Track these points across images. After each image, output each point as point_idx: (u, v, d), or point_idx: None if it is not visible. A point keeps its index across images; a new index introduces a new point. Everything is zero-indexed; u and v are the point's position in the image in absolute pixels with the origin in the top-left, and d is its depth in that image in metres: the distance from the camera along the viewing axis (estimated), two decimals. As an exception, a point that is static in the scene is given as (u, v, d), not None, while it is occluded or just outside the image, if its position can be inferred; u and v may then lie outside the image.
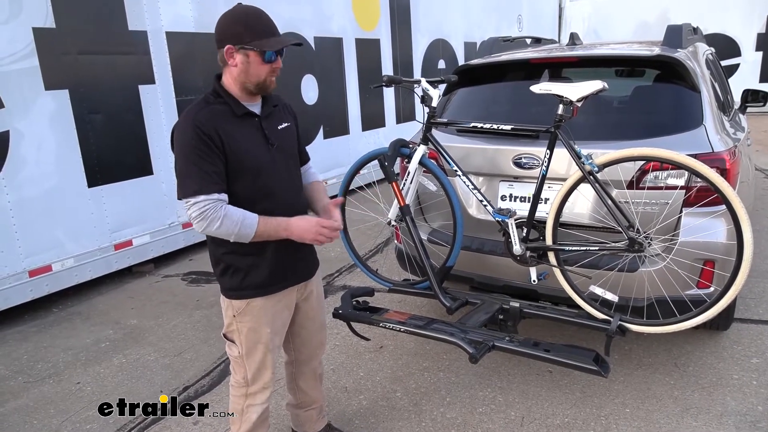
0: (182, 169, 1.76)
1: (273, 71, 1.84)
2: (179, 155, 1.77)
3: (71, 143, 4.13)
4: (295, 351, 2.26)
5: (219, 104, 1.82)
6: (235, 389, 2.08)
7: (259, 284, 1.94)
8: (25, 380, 3.23)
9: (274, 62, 1.82)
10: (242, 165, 1.82)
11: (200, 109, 1.79)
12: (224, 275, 1.95)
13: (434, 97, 2.72)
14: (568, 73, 3.17)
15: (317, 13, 6.44)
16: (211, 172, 1.74)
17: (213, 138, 1.74)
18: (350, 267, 4.66)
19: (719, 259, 2.41)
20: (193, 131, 1.73)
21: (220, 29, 1.79)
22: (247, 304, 1.95)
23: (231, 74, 1.83)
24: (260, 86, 1.85)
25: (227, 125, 1.79)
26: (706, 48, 3.59)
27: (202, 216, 1.73)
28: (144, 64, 4.56)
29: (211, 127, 1.75)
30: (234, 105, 1.84)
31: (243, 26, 1.76)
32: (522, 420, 2.61)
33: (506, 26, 11.10)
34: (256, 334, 1.98)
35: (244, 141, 1.83)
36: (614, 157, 2.27)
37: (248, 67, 1.79)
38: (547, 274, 2.61)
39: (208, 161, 1.74)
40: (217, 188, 1.76)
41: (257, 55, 1.78)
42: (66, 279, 4.20)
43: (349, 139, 7.19)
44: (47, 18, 3.91)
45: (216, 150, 1.75)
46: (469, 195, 2.87)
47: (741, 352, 3.04)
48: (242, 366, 2.02)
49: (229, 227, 1.75)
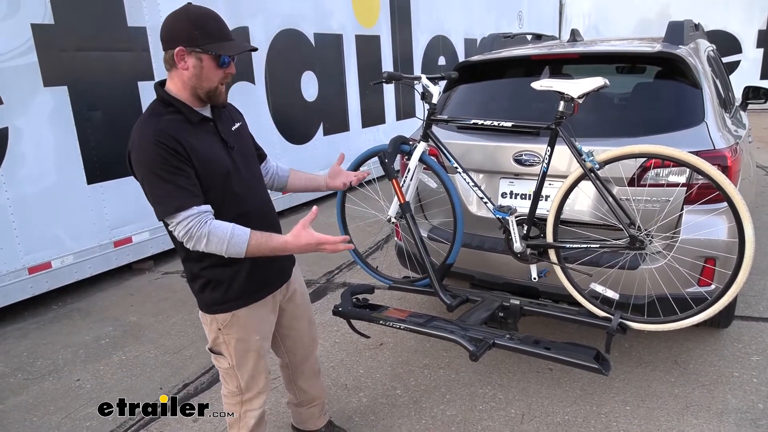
0: (155, 190, 1.63)
1: (225, 77, 1.73)
2: (147, 175, 1.63)
3: (70, 140, 4.12)
4: (289, 353, 2.22)
5: (171, 113, 1.69)
6: (229, 398, 2.03)
7: (242, 294, 1.87)
8: (24, 377, 3.23)
9: (227, 67, 1.71)
10: (209, 173, 1.72)
11: (155, 123, 1.65)
12: (204, 291, 1.86)
13: (434, 94, 2.71)
14: (569, 69, 3.16)
15: (317, 10, 6.42)
16: (187, 185, 1.64)
17: (178, 150, 1.63)
18: (350, 264, 4.66)
19: (720, 256, 2.40)
20: (156, 147, 1.60)
21: (170, 29, 1.66)
22: (232, 316, 1.87)
23: (181, 78, 1.69)
24: (210, 94, 1.73)
25: (187, 135, 1.68)
26: (707, 45, 3.58)
27: (188, 234, 1.63)
28: (143, 60, 4.54)
29: (174, 139, 1.63)
30: (188, 112, 1.72)
31: (198, 28, 1.64)
32: (522, 417, 2.61)
33: (507, 23, 11.08)
34: (245, 344, 1.92)
35: (205, 148, 1.72)
36: (615, 154, 2.26)
37: (201, 71, 1.67)
38: (547, 272, 2.60)
39: (181, 175, 1.63)
40: (197, 201, 1.65)
41: (211, 60, 1.67)
42: (65, 276, 4.19)
43: (349, 136, 7.17)
44: (46, 14, 3.89)
45: (185, 161, 1.65)
46: (470, 192, 2.86)
47: (742, 349, 3.03)
48: (234, 377, 1.96)
49: (217, 244, 1.65)
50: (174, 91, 1.73)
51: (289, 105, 6.16)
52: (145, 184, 1.66)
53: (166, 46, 1.67)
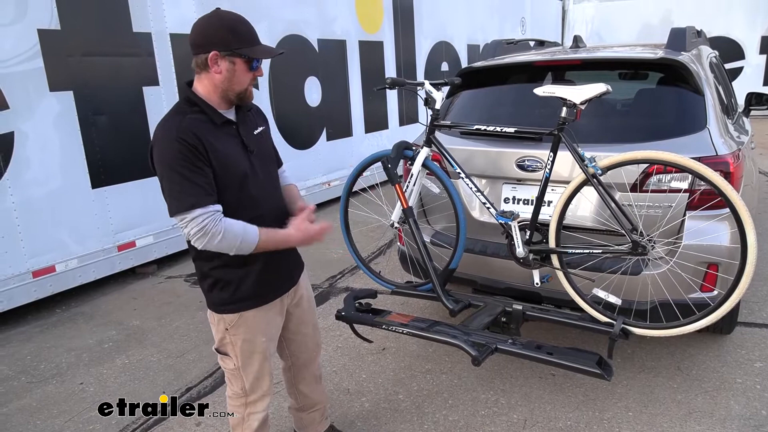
0: (173, 185, 1.68)
1: (253, 80, 1.81)
2: (166, 171, 1.68)
3: (75, 144, 4.15)
4: (293, 356, 2.24)
5: (195, 113, 1.75)
6: (234, 400, 2.05)
7: (251, 295, 1.90)
8: (28, 380, 3.24)
9: (256, 70, 1.79)
10: (227, 175, 1.76)
11: (179, 121, 1.71)
12: (213, 290, 1.90)
13: (437, 100, 2.72)
14: (572, 75, 3.17)
15: (321, 16, 6.45)
16: (204, 184, 1.69)
17: (198, 148, 1.68)
18: (353, 269, 4.66)
19: (723, 262, 2.41)
20: (178, 144, 1.66)
21: (203, 33, 1.72)
22: (239, 317, 1.90)
23: (212, 81, 1.75)
24: (241, 95, 1.80)
25: (208, 135, 1.73)
26: (709, 51, 3.59)
27: (203, 231, 1.67)
28: (148, 65, 4.58)
29: (195, 137, 1.68)
30: (212, 113, 1.77)
31: (231, 32, 1.71)
32: (524, 423, 2.61)
33: (509, 29, 11.11)
34: (251, 345, 1.95)
35: (225, 150, 1.77)
36: (618, 159, 2.27)
37: (233, 75, 1.74)
38: (550, 277, 2.61)
39: (199, 173, 1.68)
40: (212, 200, 1.71)
41: (244, 63, 1.74)
42: (69, 280, 4.21)
43: (352, 141, 7.19)
44: (52, 19, 3.93)
45: (204, 160, 1.70)
46: (472, 197, 2.87)
47: (745, 355, 3.03)
48: (239, 378, 1.99)
49: (231, 241, 1.71)
50: (202, 92, 1.78)
51: (292, 110, 6.18)
52: (164, 180, 1.71)
53: (199, 50, 1.72)
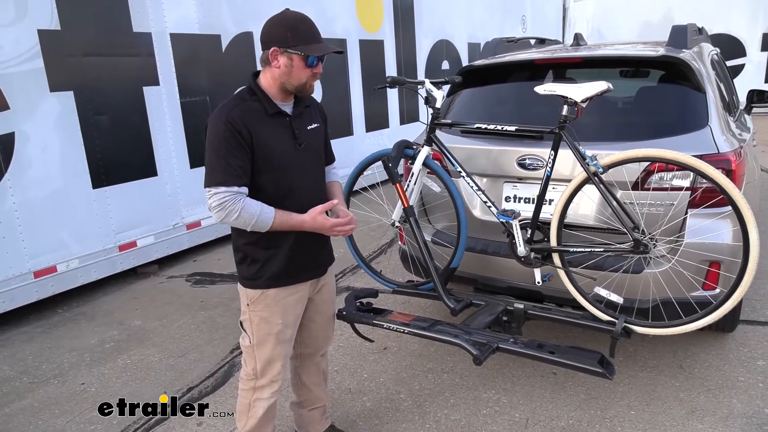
0: (210, 161, 1.85)
1: (314, 76, 1.93)
2: (209, 147, 1.85)
3: (76, 145, 4.15)
4: (302, 344, 2.28)
5: (253, 102, 1.91)
6: (244, 382, 2.12)
7: (274, 275, 2.00)
8: (30, 381, 3.24)
9: (315, 67, 1.91)
10: (268, 162, 1.90)
11: (235, 106, 1.87)
12: (242, 264, 2.03)
13: (438, 98, 2.72)
14: (573, 73, 3.16)
15: (321, 15, 6.44)
16: (236, 166, 1.83)
17: (242, 133, 1.83)
18: (354, 268, 4.66)
19: (725, 260, 2.40)
20: (224, 126, 1.82)
21: (267, 31, 1.88)
22: (261, 294, 2.01)
23: (272, 74, 1.91)
24: (300, 88, 1.94)
25: (258, 123, 1.88)
26: (711, 48, 3.57)
27: (221, 206, 1.82)
28: (148, 65, 4.57)
29: (242, 123, 1.83)
30: (267, 103, 1.92)
31: (290, 31, 1.85)
32: (526, 422, 2.61)
33: (510, 27, 11.08)
34: (267, 325, 2.03)
35: (272, 139, 1.91)
36: (619, 158, 2.26)
37: (291, 69, 1.88)
38: (551, 276, 2.60)
39: (234, 155, 1.83)
40: (239, 182, 1.84)
41: (301, 59, 1.86)
42: (71, 280, 4.21)
43: (353, 140, 7.19)
44: (52, 20, 3.92)
45: (244, 145, 1.84)
46: (473, 196, 2.86)
47: (747, 354, 3.02)
48: (252, 357, 2.07)
49: (246, 219, 1.84)
50: (263, 84, 1.94)
51: (293, 109, 6.17)
52: (206, 153, 1.87)
53: (264, 46, 1.89)
